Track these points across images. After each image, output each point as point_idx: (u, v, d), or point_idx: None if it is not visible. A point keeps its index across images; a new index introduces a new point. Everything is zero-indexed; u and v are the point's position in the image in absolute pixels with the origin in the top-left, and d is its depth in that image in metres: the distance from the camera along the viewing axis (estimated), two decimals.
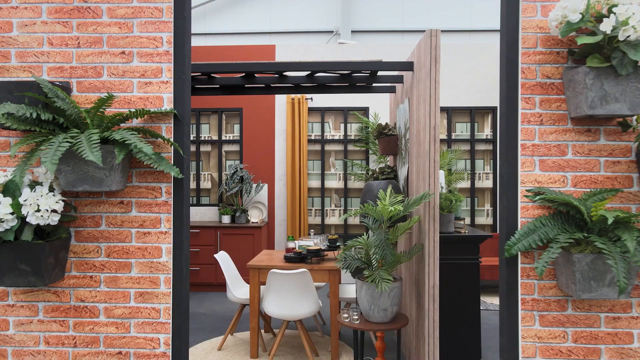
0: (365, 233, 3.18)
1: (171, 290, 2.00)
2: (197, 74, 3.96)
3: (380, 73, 6.25)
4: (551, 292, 1.93)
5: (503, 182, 1.96)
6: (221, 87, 4.42)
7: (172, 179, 2.02)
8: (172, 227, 2.00)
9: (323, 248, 3.99)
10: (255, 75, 4.10)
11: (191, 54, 6.34)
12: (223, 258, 4.20)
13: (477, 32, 6.58)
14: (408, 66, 3.59)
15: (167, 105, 2.02)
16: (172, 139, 2.02)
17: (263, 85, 4.49)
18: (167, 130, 2.02)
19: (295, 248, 4.11)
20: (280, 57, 6.34)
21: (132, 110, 1.88)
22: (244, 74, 4.00)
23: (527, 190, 1.96)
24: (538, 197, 1.86)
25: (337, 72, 3.91)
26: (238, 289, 4.22)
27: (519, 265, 1.95)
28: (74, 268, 2.00)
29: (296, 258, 3.87)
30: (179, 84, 2.02)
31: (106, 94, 1.75)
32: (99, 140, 1.63)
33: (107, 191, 1.92)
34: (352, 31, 6.68)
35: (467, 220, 6.27)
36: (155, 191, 2.01)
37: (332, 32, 6.69)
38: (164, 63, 2.02)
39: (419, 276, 3.29)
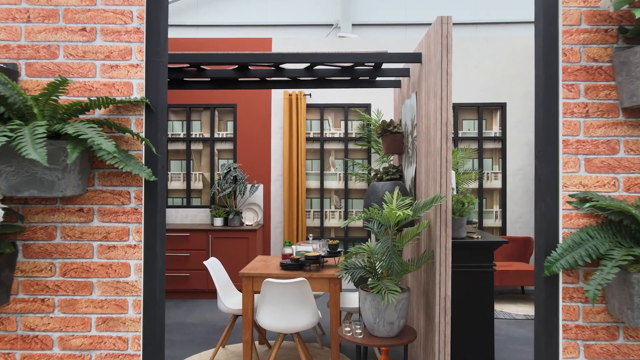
0: (369, 239, 2.87)
1: (141, 315, 1.66)
2: (185, 65, 3.63)
3: (384, 66, 5.93)
4: (599, 317, 1.61)
5: (540, 185, 1.63)
6: (212, 81, 4.09)
7: (143, 182, 1.68)
8: (142, 239, 1.66)
9: (322, 254, 3.67)
10: (250, 67, 3.77)
11: (181, 46, 5.96)
12: (213, 265, 3.87)
13: (483, 24, 6.26)
14: (416, 58, 3.27)
15: (138, 93, 1.69)
16: (142, 134, 1.68)
17: (258, 79, 4.17)
18: (137, 123, 1.68)
19: (292, 254, 3.79)
20: (277, 50, 6.01)
21: (94, 98, 1.54)
22: (236, 66, 3.66)
23: (570, 196, 1.63)
24: (588, 205, 1.52)
25: (337, 64, 3.58)
26: (230, 298, 3.89)
27: (560, 285, 1.61)
28: (21, 290, 1.65)
29: (293, 265, 3.55)
30: (152, 68, 1.69)
31: (58, 78, 1.42)
32: (44, 134, 1.30)
33: (64, 197, 1.58)
34: (353, 24, 6.36)
35: None
36: (122, 196, 1.68)
37: (332, 25, 6.36)
38: (133, 42, 1.68)
39: (429, 286, 2.97)
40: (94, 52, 1.68)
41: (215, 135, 6.16)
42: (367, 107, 6.09)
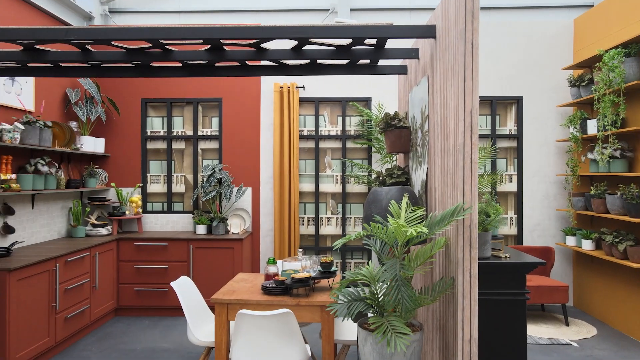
0: (369, 260, 2.25)
1: None
2: (146, 45, 3.00)
3: (388, 45, 5.26)
4: None
5: None
6: (185, 66, 3.45)
7: None
8: None
9: (313, 275, 3.03)
10: (225, 47, 3.13)
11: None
12: (183, 286, 3.23)
13: (497, 9, 5.63)
14: (428, 31, 2.63)
15: None
16: None
17: (238, 64, 3.54)
18: None
19: (277, 274, 3.15)
20: (269, 46, 5.38)
21: None
22: (209, 46, 3.03)
23: None
24: None
25: (332, 43, 2.95)
26: (203, 326, 3.24)
27: None
28: None
29: (277, 289, 2.91)
30: None
31: None
32: None
33: None
34: (351, 9, 5.73)
35: None
36: None
37: (328, 10, 5.74)
38: None
39: (447, 322, 2.33)
40: None
41: (199, 133, 5.53)
42: (367, 101, 5.45)
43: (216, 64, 3.62)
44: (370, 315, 2.74)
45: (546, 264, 2.79)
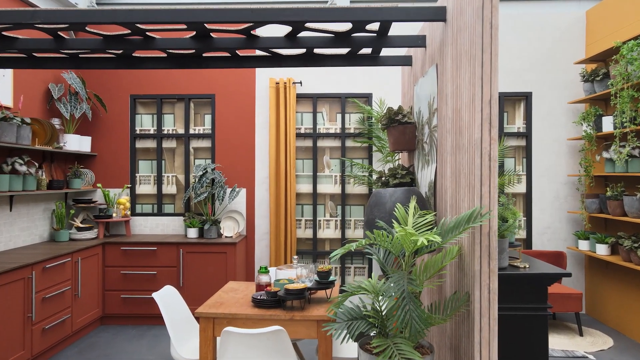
0: (372, 273, 1.97)
1: None
2: (126, 32, 2.71)
3: (392, 32, 4.98)
4: None
5: None
6: (169, 57, 3.17)
7: None
8: None
9: (309, 285, 2.74)
10: (212, 35, 2.85)
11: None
12: (166, 297, 2.94)
13: (505, 1, 5.34)
14: (438, 14, 2.36)
15: None
16: None
17: (228, 55, 3.26)
18: None
19: (270, 284, 2.86)
20: (262, 34, 5.09)
21: None
22: (194, 33, 2.74)
23: None
24: None
25: (330, 26, 2.67)
26: (189, 342, 2.96)
27: None
28: None
29: (269, 302, 2.62)
30: None
31: None
32: None
33: None
34: (351, 1, 5.43)
35: None
36: None
37: (327, 1, 5.43)
38: None
39: (461, 342, 2.05)
40: None
41: (191, 131, 5.25)
42: (367, 98, 5.17)
43: (204, 54, 3.34)
44: (373, 334, 2.46)
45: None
